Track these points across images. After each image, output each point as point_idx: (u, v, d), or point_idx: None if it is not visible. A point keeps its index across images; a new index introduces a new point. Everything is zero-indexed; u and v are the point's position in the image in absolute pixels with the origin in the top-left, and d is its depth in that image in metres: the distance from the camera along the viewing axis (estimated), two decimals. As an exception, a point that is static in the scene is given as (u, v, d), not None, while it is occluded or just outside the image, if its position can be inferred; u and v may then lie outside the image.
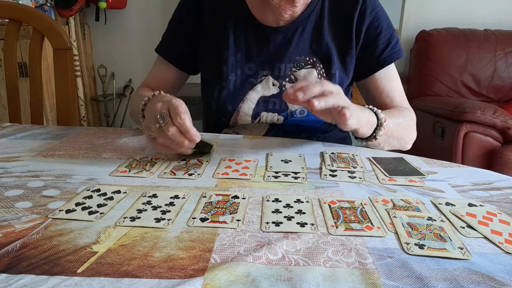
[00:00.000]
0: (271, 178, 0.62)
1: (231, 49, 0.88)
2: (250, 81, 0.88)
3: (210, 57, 0.91)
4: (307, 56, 0.88)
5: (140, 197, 0.55)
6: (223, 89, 0.89)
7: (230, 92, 0.88)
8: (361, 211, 0.52)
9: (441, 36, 2.27)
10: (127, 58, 2.96)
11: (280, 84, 0.88)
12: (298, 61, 0.88)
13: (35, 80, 1.11)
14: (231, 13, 0.89)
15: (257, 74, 0.88)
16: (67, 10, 2.55)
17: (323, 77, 0.88)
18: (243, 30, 0.88)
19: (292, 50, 0.87)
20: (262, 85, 0.88)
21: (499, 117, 1.78)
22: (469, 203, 0.55)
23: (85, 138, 0.82)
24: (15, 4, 1.11)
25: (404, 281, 0.38)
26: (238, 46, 0.88)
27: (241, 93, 0.88)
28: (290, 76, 0.88)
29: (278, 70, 0.88)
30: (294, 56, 0.88)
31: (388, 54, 0.88)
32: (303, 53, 0.88)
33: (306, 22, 0.87)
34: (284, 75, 0.88)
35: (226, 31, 0.88)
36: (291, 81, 0.88)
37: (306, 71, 0.87)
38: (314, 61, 0.88)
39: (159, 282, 0.38)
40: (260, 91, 0.88)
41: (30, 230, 0.46)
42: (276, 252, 0.43)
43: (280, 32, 0.87)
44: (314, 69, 0.87)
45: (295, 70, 0.88)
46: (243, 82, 0.88)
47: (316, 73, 0.87)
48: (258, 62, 0.88)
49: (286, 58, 0.87)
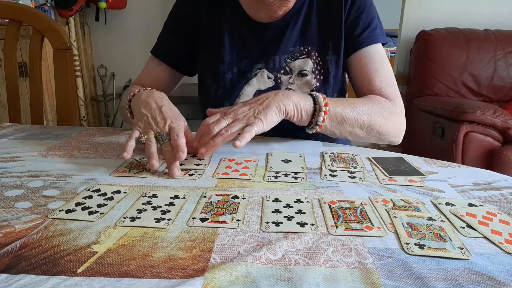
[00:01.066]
0: (271, 178, 0.62)
1: (227, 48, 0.88)
2: (246, 76, 0.89)
3: (207, 57, 0.91)
4: (301, 46, 0.88)
5: (140, 197, 0.55)
6: (219, 87, 0.89)
7: (226, 89, 0.89)
8: (361, 211, 0.52)
9: (441, 36, 2.27)
10: (127, 58, 2.96)
11: (275, 76, 0.88)
12: (292, 52, 0.88)
13: (35, 80, 1.11)
14: (226, 13, 0.89)
15: (252, 68, 0.89)
16: (67, 10, 2.55)
17: (319, 65, 0.88)
18: (238, 28, 0.89)
19: (286, 41, 0.87)
20: (257, 78, 0.88)
21: (499, 117, 1.78)
22: (469, 203, 0.55)
23: (85, 138, 0.82)
24: (15, 4, 1.11)
25: (404, 281, 0.38)
26: (233, 45, 0.89)
27: (236, 89, 0.89)
28: (285, 68, 0.88)
29: (272, 62, 0.88)
30: (288, 47, 0.88)
31: (367, 35, 0.86)
32: (297, 43, 0.88)
33: (299, 14, 0.87)
34: (279, 67, 0.88)
35: (222, 30, 0.89)
36: (286, 73, 0.88)
37: (301, 61, 0.87)
38: (309, 50, 0.88)
39: (159, 282, 0.38)
40: (255, 85, 0.88)
41: (30, 230, 0.46)
42: (276, 252, 0.43)
43: (274, 27, 0.87)
44: (309, 58, 0.87)
45: (290, 61, 0.88)
46: (238, 78, 0.89)
47: (311, 63, 0.87)
48: (253, 57, 0.89)
49: (280, 50, 0.87)
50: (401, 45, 2.51)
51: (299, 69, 0.87)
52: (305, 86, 0.87)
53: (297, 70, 0.88)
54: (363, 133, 0.79)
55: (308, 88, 0.87)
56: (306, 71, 0.87)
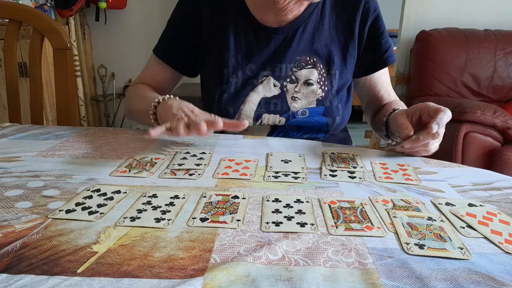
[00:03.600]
0: (271, 178, 0.62)
1: (232, 51, 0.87)
2: (251, 82, 0.88)
3: (211, 60, 0.90)
4: (307, 56, 0.87)
5: (140, 197, 0.55)
6: (224, 92, 0.88)
7: (231, 95, 0.87)
8: (361, 211, 0.52)
9: (441, 36, 2.27)
10: (127, 58, 2.96)
11: (281, 84, 0.88)
12: (298, 61, 0.87)
13: (35, 80, 1.11)
14: (230, 15, 0.88)
15: (258, 75, 0.88)
16: (67, 10, 2.55)
17: (323, 77, 0.88)
18: (243, 31, 0.88)
19: (293, 50, 0.87)
20: (263, 86, 0.87)
21: (499, 117, 1.78)
22: (469, 203, 0.55)
23: (85, 138, 0.82)
24: (15, 4, 1.11)
25: (404, 281, 0.38)
26: (238, 48, 0.88)
27: (242, 95, 0.87)
28: (291, 76, 0.88)
29: (279, 70, 0.87)
30: (295, 56, 0.87)
31: (388, 55, 0.92)
32: (304, 53, 0.87)
33: (307, 22, 0.87)
34: (285, 75, 0.87)
35: (226, 33, 0.87)
36: (292, 82, 0.88)
37: (307, 71, 0.87)
38: (315, 61, 0.88)
39: (159, 282, 0.38)
40: (261, 92, 0.88)
41: (30, 230, 0.46)
42: (276, 252, 0.43)
43: (281, 33, 0.87)
44: (314, 69, 0.87)
45: (296, 70, 0.87)
46: (244, 84, 0.88)
47: (316, 74, 0.87)
48: (259, 63, 0.88)
49: (287, 58, 0.87)
50: (401, 45, 2.51)
51: (305, 78, 0.87)
52: (311, 95, 0.88)
53: (303, 79, 0.87)
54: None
55: (314, 97, 0.88)
56: (312, 80, 0.87)
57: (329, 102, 0.88)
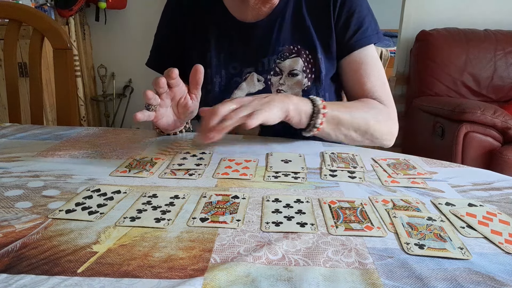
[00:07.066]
0: (271, 178, 0.62)
1: (213, 51, 0.88)
2: (235, 81, 0.88)
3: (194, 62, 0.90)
4: (290, 45, 0.86)
5: (140, 197, 0.55)
6: (209, 92, 0.88)
7: (216, 94, 0.87)
8: (361, 211, 0.52)
9: (441, 36, 2.27)
10: (127, 58, 2.96)
11: (265, 78, 0.87)
12: (281, 52, 0.86)
13: (35, 80, 1.11)
14: (209, 15, 0.88)
15: (241, 72, 0.87)
16: (67, 10, 2.56)
17: (310, 63, 0.86)
18: (223, 30, 0.88)
19: (274, 41, 0.86)
20: (247, 82, 0.87)
21: (499, 117, 1.78)
22: (469, 203, 0.55)
23: (85, 138, 0.82)
24: (15, 4, 1.11)
25: (404, 281, 0.38)
26: (220, 47, 0.88)
27: (226, 94, 0.87)
28: (274, 69, 0.86)
29: (261, 65, 0.87)
30: (277, 47, 0.86)
31: (358, 38, 0.84)
32: (286, 42, 0.86)
33: (285, 11, 0.86)
34: (268, 69, 0.87)
35: (207, 33, 0.88)
36: (276, 74, 0.86)
37: (291, 61, 0.86)
38: (299, 49, 0.86)
39: (159, 282, 0.38)
40: (245, 89, 0.87)
41: (30, 230, 0.46)
42: (276, 252, 0.43)
43: (260, 27, 0.86)
44: (299, 57, 0.86)
45: (280, 62, 0.86)
46: (228, 83, 0.88)
47: (301, 62, 0.86)
48: (241, 60, 0.87)
49: (269, 51, 0.86)
50: (401, 45, 2.51)
51: (290, 69, 0.86)
52: (296, 86, 0.86)
53: (287, 70, 0.86)
54: (357, 136, 0.79)
55: (299, 88, 0.86)
56: (297, 70, 0.86)
57: (315, 91, 0.86)
